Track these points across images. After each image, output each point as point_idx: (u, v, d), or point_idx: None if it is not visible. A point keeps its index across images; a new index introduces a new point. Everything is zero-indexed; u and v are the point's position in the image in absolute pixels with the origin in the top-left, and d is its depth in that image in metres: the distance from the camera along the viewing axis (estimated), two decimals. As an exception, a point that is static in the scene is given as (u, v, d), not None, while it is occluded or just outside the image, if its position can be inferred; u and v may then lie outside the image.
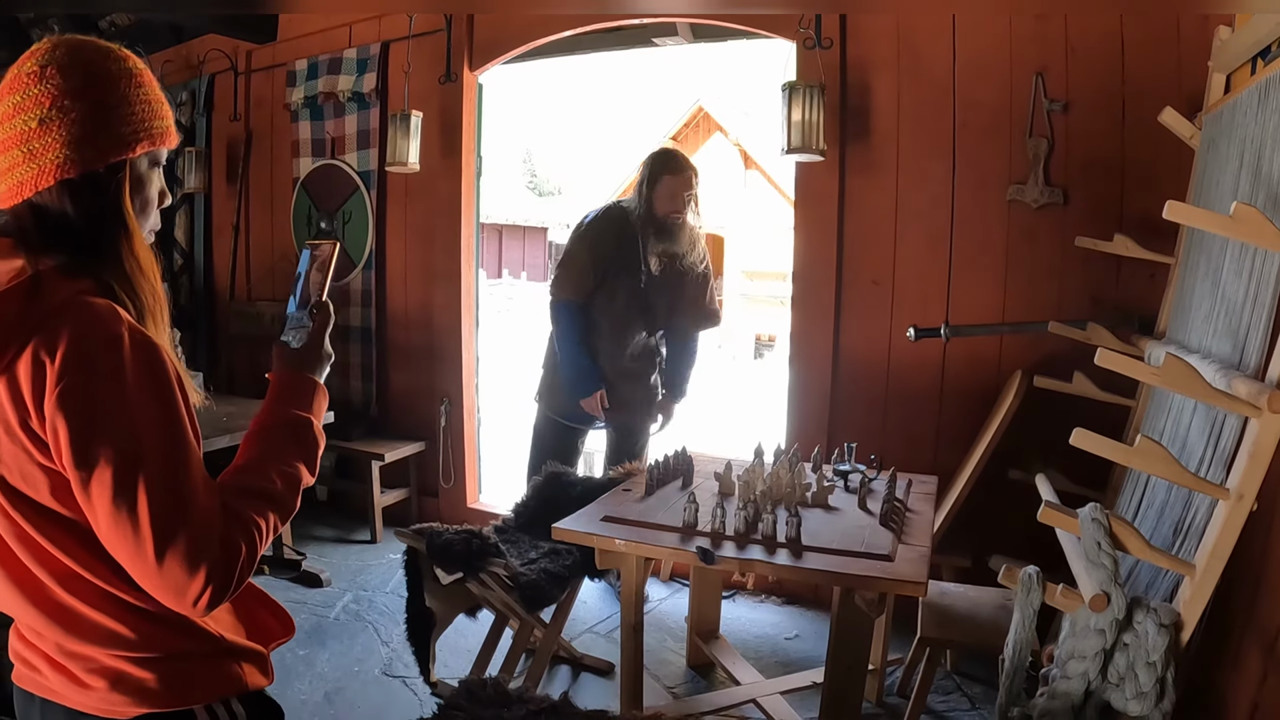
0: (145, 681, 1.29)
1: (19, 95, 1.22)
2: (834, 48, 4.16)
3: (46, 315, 1.17)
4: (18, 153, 1.21)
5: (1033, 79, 3.82)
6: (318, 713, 3.38)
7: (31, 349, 1.15)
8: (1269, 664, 2.35)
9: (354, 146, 5.63)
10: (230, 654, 1.38)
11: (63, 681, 1.29)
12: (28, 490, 1.20)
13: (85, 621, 1.25)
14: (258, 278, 6.25)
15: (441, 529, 3.22)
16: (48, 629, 1.26)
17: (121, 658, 1.27)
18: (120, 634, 1.26)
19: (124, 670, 1.28)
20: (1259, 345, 2.26)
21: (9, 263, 1.19)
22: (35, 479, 1.19)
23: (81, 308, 1.19)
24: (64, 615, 1.25)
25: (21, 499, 1.21)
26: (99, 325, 1.18)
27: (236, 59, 6.13)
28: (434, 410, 5.48)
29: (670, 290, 4.27)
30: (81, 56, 1.25)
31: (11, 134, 1.21)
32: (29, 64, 1.23)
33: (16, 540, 1.23)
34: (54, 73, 1.22)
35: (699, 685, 3.70)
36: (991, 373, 3.97)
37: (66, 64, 1.23)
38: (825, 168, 4.21)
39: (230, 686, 1.38)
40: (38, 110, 1.21)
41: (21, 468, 1.19)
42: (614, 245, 4.19)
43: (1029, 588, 2.36)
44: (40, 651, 1.31)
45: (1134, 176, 3.69)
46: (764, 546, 2.65)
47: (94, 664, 1.28)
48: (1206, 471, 2.38)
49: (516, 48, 5.09)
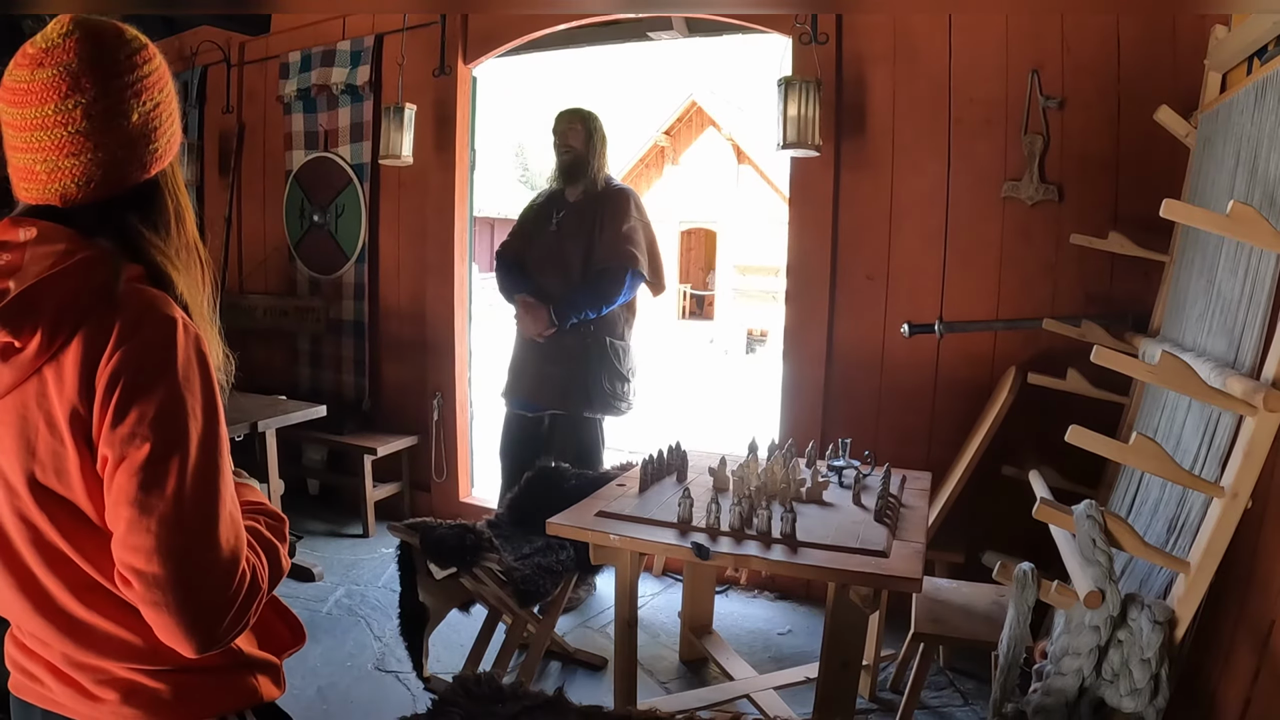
0: (159, 693, 1.25)
1: (94, 90, 1.17)
2: (830, 43, 4.15)
3: (98, 303, 1.14)
4: (102, 151, 1.18)
5: (1029, 76, 3.82)
6: (310, 708, 3.37)
7: (82, 336, 1.12)
8: (1261, 660, 2.35)
9: (347, 139, 5.61)
10: (246, 666, 1.35)
11: (70, 694, 1.25)
12: (61, 489, 1.16)
13: (98, 633, 1.21)
14: (249, 270, 6.23)
15: (435, 523, 3.21)
16: (55, 639, 1.22)
17: (134, 670, 1.24)
18: (134, 645, 1.22)
19: (137, 682, 1.24)
20: (1254, 344, 2.26)
21: (51, 246, 1.16)
22: (70, 477, 1.16)
23: (135, 296, 1.16)
24: (75, 626, 1.21)
25: (51, 498, 1.17)
26: (153, 312, 1.16)
27: (229, 51, 6.10)
28: (426, 404, 5.47)
29: (584, 237, 4.31)
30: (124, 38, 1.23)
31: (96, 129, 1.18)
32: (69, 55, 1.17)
33: (31, 546, 1.19)
34: (139, 60, 1.22)
35: (692, 680, 3.70)
36: (985, 369, 3.98)
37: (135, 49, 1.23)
38: (820, 163, 4.21)
39: (245, 699, 1.34)
40: (130, 104, 1.20)
41: (58, 464, 1.15)
42: (533, 207, 4.54)
43: (1024, 584, 2.36)
44: (44, 662, 1.26)
45: (1129, 174, 3.69)
46: (759, 542, 2.65)
47: (105, 675, 1.24)
48: (1201, 469, 2.39)
49: (511, 41, 5.07)
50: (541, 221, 4.37)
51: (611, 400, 4.37)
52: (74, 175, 1.18)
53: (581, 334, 4.28)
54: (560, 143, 4.34)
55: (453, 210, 5.28)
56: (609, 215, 4.29)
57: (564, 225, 4.29)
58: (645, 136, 23.48)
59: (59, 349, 1.12)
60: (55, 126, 1.16)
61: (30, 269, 1.14)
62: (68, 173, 1.18)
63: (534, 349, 4.37)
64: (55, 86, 1.15)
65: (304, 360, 5.96)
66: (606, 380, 4.33)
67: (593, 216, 4.29)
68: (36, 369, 1.13)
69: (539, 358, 4.35)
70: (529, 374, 4.41)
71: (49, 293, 1.12)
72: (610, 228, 4.26)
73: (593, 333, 4.30)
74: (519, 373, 4.47)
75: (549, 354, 4.31)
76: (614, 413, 4.42)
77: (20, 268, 1.14)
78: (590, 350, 4.31)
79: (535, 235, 4.42)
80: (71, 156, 1.17)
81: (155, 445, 1.11)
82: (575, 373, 4.30)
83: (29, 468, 1.16)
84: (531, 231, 4.43)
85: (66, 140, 1.16)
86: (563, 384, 4.32)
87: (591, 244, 4.26)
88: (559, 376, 4.32)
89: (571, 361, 4.30)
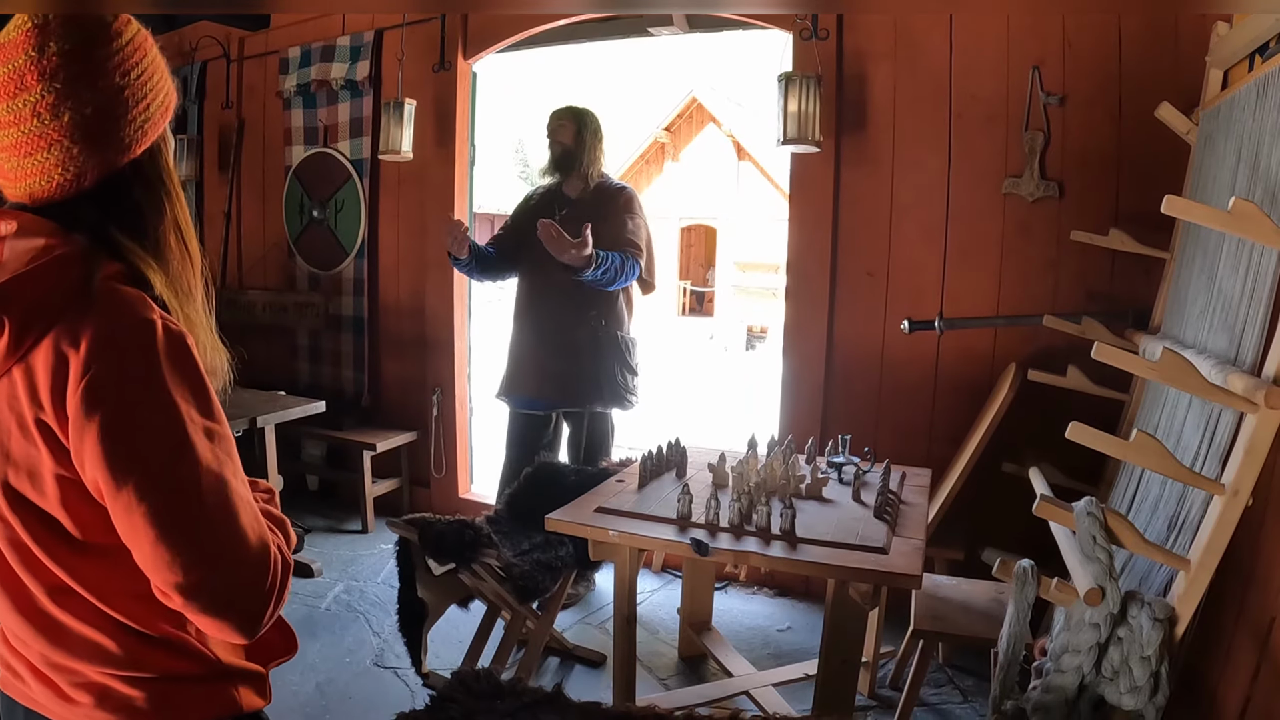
0: (133, 700, 1.23)
1: (40, 87, 1.13)
2: (830, 39, 4.15)
3: (70, 303, 1.11)
4: (57, 149, 1.14)
5: (1030, 72, 3.81)
6: (309, 704, 3.37)
7: (52, 339, 1.09)
8: (1262, 658, 2.35)
9: (347, 134, 5.60)
10: (226, 676, 1.32)
11: (47, 694, 1.25)
12: (33, 495, 1.15)
13: (72, 635, 1.20)
14: (249, 266, 6.23)
15: (434, 519, 3.20)
16: (33, 639, 1.21)
17: (109, 675, 1.22)
18: (109, 651, 1.21)
19: (111, 687, 1.22)
20: (1255, 340, 2.26)
21: (29, 241, 1.13)
22: (44, 482, 1.14)
23: (109, 297, 1.13)
24: (51, 627, 1.20)
25: (22, 503, 1.15)
26: (127, 316, 1.12)
27: (229, 46, 6.09)
28: (426, 400, 5.47)
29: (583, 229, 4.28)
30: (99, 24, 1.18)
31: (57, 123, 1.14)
32: (45, 42, 1.13)
33: (9, 545, 1.18)
34: (92, 49, 1.16)
35: (691, 677, 3.70)
36: (985, 366, 3.98)
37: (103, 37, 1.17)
38: (820, 159, 4.20)
39: (224, 709, 1.32)
40: (83, 96, 1.15)
41: (31, 468, 1.13)
42: (535, 199, 4.56)
43: (1024, 581, 2.35)
44: (25, 660, 1.25)
45: (1130, 171, 3.69)
46: (758, 538, 2.65)
47: (80, 679, 1.22)
48: (1201, 466, 2.38)
49: (510, 36, 5.07)
50: (545, 211, 4.34)
51: (624, 394, 4.38)
52: (37, 174, 1.16)
53: (592, 328, 4.28)
54: (551, 139, 4.38)
55: (452, 206, 5.27)
56: (616, 210, 4.32)
57: (573, 217, 4.26)
58: (645, 133, 23.52)
59: (28, 350, 1.10)
60: (8, 126, 1.14)
61: (8, 265, 1.12)
62: (30, 172, 1.16)
63: (538, 345, 4.35)
64: (4, 86, 1.13)
65: (303, 356, 5.96)
66: (620, 374, 4.35)
67: (598, 210, 4.29)
68: (6, 370, 1.11)
69: (545, 354, 4.33)
70: (533, 371, 4.38)
71: (19, 290, 1.10)
72: (616, 220, 4.29)
73: (604, 327, 4.31)
74: (521, 370, 4.44)
75: (557, 349, 4.30)
76: (624, 406, 4.43)
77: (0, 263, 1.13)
78: (603, 344, 4.31)
79: (528, 227, 4.35)
80: (29, 156, 1.15)
81: (154, 466, 1.10)
82: (586, 368, 4.30)
83: (2, 470, 1.15)
84: (530, 225, 4.37)
85: (22, 140, 1.14)
86: (574, 379, 4.31)
87: (599, 236, 4.23)
88: (569, 372, 4.31)
89: (582, 356, 4.29)
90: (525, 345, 4.44)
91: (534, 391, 4.41)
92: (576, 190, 4.40)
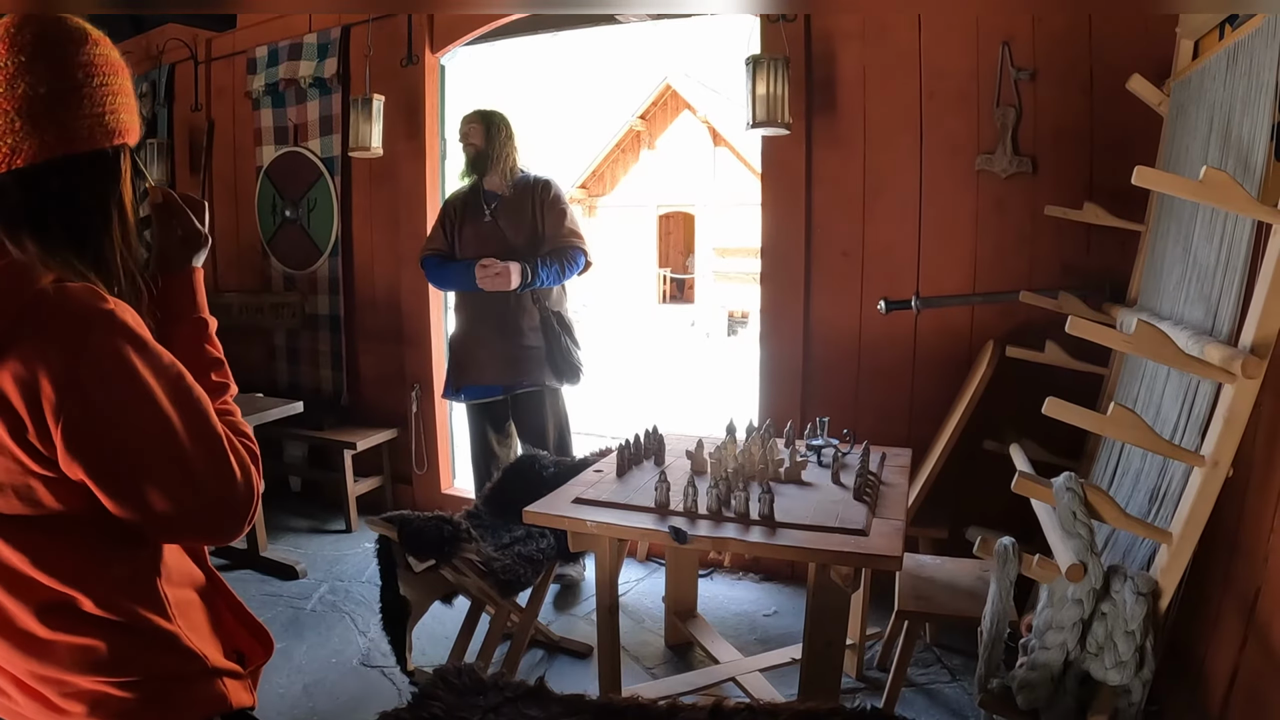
0: (126, 703, 1.23)
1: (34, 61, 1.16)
2: (798, 20, 4.12)
3: (25, 312, 1.10)
4: (13, 114, 1.14)
5: (999, 48, 3.79)
6: (296, 705, 3.34)
7: (16, 354, 1.08)
8: (1248, 629, 2.35)
9: (317, 133, 5.55)
10: (214, 674, 1.34)
11: (36, 708, 1.24)
12: (23, 506, 1.15)
13: (61, 649, 1.20)
14: (223, 268, 6.16)
15: (412, 516, 3.18)
16: (18, 659, 1.21)
17: (102, 681, 1.22)
18: (98, 656, 1.21)
19: (104, 693, 1.23)
20: (1231, 311, 2.25)
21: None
22: (38, 493, 1.15)
23: (63, 297, 1.13)
24: (36, 646, 1.20)
25: (6, 520, 1.16)
26: (84, 311, 1.13)
27: (196, 48, 6.01)
28: (405, 396, 5.44)
29: (525, 222, 4.41)
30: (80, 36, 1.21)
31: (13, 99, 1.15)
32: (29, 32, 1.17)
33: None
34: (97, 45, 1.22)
35: (678, 665, 3.69)
36: (963, 344, 3.97)
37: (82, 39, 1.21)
38: (791, 141, 4.17)
39: (215, 705, 1.33)
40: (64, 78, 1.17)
41: (13, 480, 1.13)
42: (458, 202, 4.56)
43: (1005, 559, 2.35)
44: (10, 676, 1.24)
45: (1103, 144, 3.67)
46: (737, 524, 2.63)
47: (71, 689, 1.22)
48: (1181, 438, 2.38)
49: (476, 29, 5.02)
50: (473, 211, 4.45)
51: (575, 366, 4.45)
52: None
53: (532, 310, 4.38)
54: (464, 142, 4.45)
55: (424, 200, 5.23)
56: (548, 203, 4.42)
57: (500, 213, 4.39)
58: (621, 121, 23.47)
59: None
60: None
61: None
62: None
63: (484, 332, 4.40)
64: None
65: (280, 356, 5.91)
66: (567, 345, 4.43)
67: (529, 203, 4.42)
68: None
69: (492, 338, 4.38)
70: (483, 357, 4.42)
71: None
72: (553, 213, 4.41)
73: (545, 306, 4.40)
74: (472, 358, 4.47)
75: (503, 333, 4.35)
76: (575, 379, 4.49)
77: None
78: (547, 322, 4.40)
79: (466, 224, 4.48)
80: None
81: (147, 456, 1.16)
82: (535, 345, 4.38)
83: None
84: (460, 223, 4.51)
85: None
86: (524, 358, 4.37)
87: (535, 227, 4.39)
88: (517, 352, 4.36)
89: (528, 335, 4.37)
90: (471, 334, 4.47)
91: (488, 377, 4.44)
92: (498, 186, 4.46)
